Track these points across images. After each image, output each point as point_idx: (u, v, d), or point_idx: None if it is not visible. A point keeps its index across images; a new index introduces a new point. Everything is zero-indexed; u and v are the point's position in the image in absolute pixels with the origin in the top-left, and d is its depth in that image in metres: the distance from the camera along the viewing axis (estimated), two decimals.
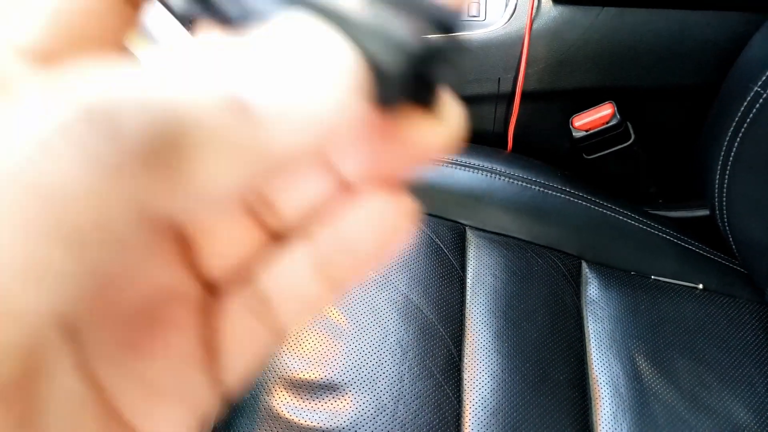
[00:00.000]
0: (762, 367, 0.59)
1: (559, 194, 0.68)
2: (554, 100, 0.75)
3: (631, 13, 0.70)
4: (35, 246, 0.11)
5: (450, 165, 0.69)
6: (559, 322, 0.61)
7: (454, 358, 0.57)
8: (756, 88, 0.61)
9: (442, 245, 0.63)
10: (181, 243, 0.17)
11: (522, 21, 0.70)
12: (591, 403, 0.57)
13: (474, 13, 0.71)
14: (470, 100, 0.75)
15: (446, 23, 0.14)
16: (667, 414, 0.56)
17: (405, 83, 0.14)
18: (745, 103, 0.62)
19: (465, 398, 0.56)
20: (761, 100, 0.61)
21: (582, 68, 0.72)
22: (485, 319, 0.59)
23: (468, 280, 0.62)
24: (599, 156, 0.76)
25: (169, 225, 0.14)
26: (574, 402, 0.57)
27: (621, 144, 0.75)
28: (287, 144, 0.13)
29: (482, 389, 0.56)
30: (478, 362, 0.57)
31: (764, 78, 0.60)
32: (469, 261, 0.63)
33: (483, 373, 0.57)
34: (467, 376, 0.57)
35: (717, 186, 0.64)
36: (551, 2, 0.70)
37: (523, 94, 0.72)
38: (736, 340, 0.60)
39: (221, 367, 0.16)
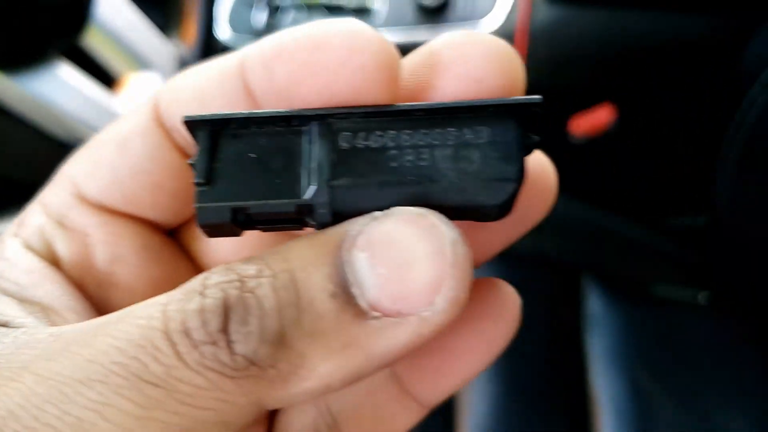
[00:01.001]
0: (764, 381, 0.58)
1: (558, 204, 0.66)
2: (549, 102, 0.74)
3: (626, 14, 0.68)
4: None
5: None
6: (558, 339, 0.59)
7: None
8: (752, 93, 0.60)
9: None
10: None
11: (516, 21, 0.68)
12: (591, 423, 0.55)
13: (466, 13, 0.69)
14: None
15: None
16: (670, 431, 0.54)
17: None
18: (743, 109, 0.61)
19: (459, 420, 0.53)
20: (755, 105, 0.59)
21: (578, 69, 0.70)
22: None
23: None
24: (598, 162, 0.74)
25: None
26: (574, 421, 0.55)
27: (620, 149, 0.74)
28: (393, 344, 0.14)
29: (477, 410, 0.53)
30: (471, 384, 0.55)
31: (759, 82, 0.59)
32: None
33: (477, 395, 0.54)
34: (460, 399, 0.54)
35: (719, 194, 0.63)
36: (545, 3, 0.68)
37: None
38: (739, 354, 0.59)
39: None
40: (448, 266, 0.13)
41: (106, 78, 0.54)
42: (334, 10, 0.69)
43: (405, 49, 0.18)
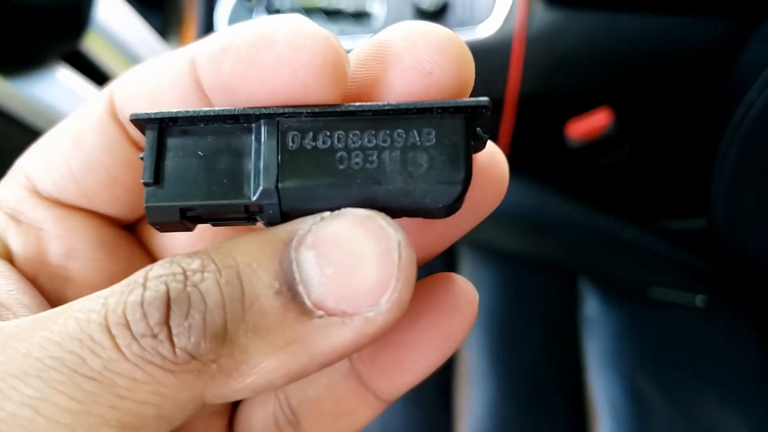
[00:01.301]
0: (762, 384, 0.58)
1: (554, 207, 0.66)
2: (547, 105, 0.74)
3: (624, 18, 0.68)
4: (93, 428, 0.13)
5: None
6: (555, 340, 0.58)
7: (445, 380, 0.55)
8: (749, 96, 0.60)
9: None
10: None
11: (513, 25, 0.68)
12: (589, 425, 0.55)
13: (464, 17, 0.69)
14: None
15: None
16: None
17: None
18: (739, 112, 0.61)
19: (457, 423, 0.53)
20: (753, 108, 0.59)
21: (575, 73, 0.70)
22: (479, 339, 0.57)
23: None
24: (596, 165, 0.74)
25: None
26: (572, 424, 0.54)
27: (618, 152, 0.73)
28: (336, 343, 0.14)
29: (475, 414, 0.53)
30: (470, 385, 0.55)
31: (756, 85, 0.59)
32: None
33: (476, 397, 0.54)
34: (459, 399, 0.54)
35: (715, 197, 0.63)
36: (543, 7, 0.68)
37: (516, 100, 0.70)
38: (737, 357, 0.59)
39: None
40: (394, 268, 0.14)
41: (105, 82, 0.54)
42: (333, 14, 0.69)
43: None
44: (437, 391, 0.54)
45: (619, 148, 0.74)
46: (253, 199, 0.15)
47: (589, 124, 0.72)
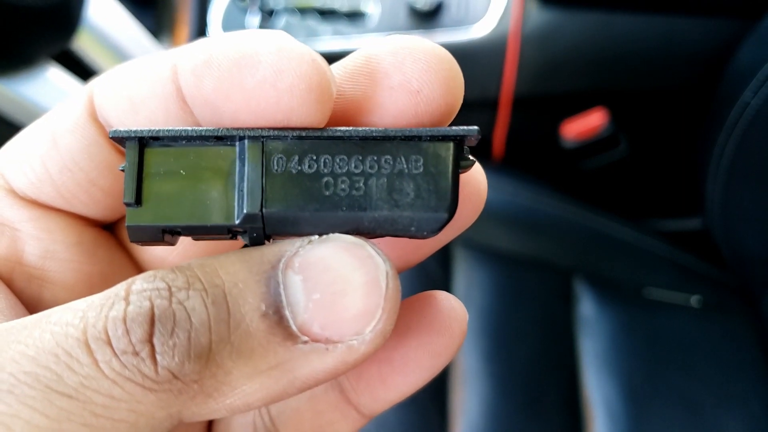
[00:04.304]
0: (757, 383, 0.58)
1: (550, 206, 0.66)
2: (542, 106, 0.74)
3: (618, 18, 0.68)
4: None
5: None
6: (551, 341, 0.58)
7: (440, 381, 0.55)
8: (744, 97, 0.60)
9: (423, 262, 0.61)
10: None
11: (509, 25, 0.68)
12: (584, 425, 0.55)
13: (459, 17, 0.69)
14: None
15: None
16: None
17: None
18: (735, 113, 0.61)
19: (452, 424, 0.53)
20: (748, 109, 0.59)
21: (570, 73, 0.70)
22: (474, 339, 0.57)
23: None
24: (591, 165, 0.74)
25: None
26: (567, 424, 0.54)
27: (613, 153, 0.73)
28: (319, 369, 0.14)
29: (470, 414, 0.53)
30: (466, 385, 0.55)
31: (752, 86, 0.59)
32: (456, 278, 0.60)
33: (471, 396, 0.54)
34: (454, 400, 0.54)
35: (711, 198, 0.63)
36: (537, 7, 0.68)
37: (511, 100, 0.70)
38: (731, 356, 0.59)
39: None
40: (381, 298, 0.13)
41: None
42: (327, 14, 0.69)
43: None
44: (432, 391, 0.54)
45: (614, 148, 0.74)
46: (237, 222, 0.14)
47: (584, 125, 0.72)
